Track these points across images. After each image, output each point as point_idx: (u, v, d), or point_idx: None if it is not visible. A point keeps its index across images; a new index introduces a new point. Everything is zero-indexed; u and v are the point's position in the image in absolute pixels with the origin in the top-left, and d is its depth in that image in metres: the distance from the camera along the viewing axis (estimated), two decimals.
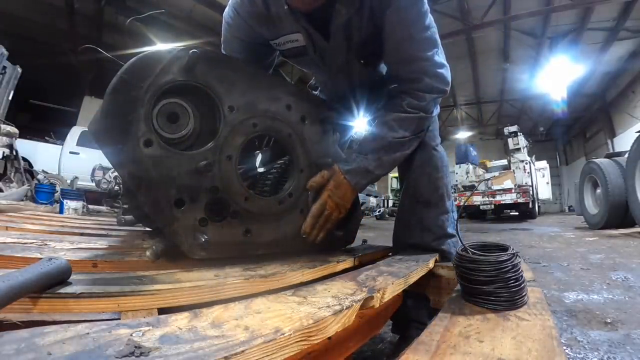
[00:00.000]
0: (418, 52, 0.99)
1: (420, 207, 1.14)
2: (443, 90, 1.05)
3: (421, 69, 1.01)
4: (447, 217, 1.13)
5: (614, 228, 4.69)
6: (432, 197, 1.13)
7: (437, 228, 1.11)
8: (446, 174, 1.17)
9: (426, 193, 1.13)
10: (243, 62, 0.86)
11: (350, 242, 1.17)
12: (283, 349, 0.37)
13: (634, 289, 1.62)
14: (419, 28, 0.96)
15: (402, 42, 0.99)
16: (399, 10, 0.94)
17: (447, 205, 1.14)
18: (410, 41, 0.98)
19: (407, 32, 0.96)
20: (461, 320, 0.58)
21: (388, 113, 1.05)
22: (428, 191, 1.13)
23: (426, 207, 1.13)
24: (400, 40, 0.98)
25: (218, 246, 0.78)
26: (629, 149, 4.26)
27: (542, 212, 13.54)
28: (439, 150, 1.18)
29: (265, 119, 0.88)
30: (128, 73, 0.67)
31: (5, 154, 5.08)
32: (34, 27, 8.40)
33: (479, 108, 15.67)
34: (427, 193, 1.13)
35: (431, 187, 1.13)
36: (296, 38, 1.06)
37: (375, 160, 1.02)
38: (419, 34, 0.97)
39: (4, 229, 1.28)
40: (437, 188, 1.13)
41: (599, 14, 8.31)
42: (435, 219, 1.11)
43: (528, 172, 9.52)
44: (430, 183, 1.13)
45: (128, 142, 0.66)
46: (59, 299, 0.46)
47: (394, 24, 0.96)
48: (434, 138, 1.19)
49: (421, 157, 1.15)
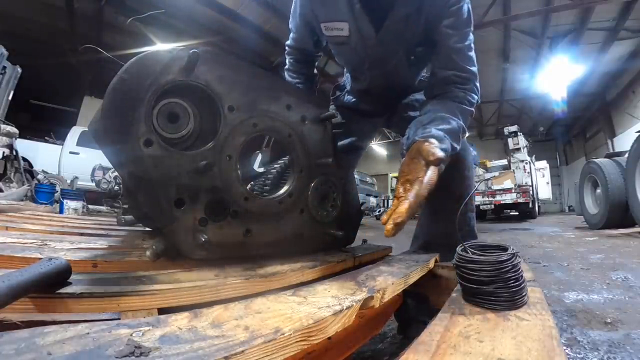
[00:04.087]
0: (469, 66, 1.07)
1: (451, 203, 1.14)
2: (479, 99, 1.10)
3: (470, 77, 1.08)
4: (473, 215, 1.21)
5: (614, 228, 4.68)
6: (464, 194, 1.17)
7: (464, 224, 1.18)
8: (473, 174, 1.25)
9: (458, 190, 1.17)
10: (243, 62, 0.86)
11: (351, 242, 1.17)
12: (283, 349, 0.37)
13: (634, 289, 1.62)
14: (468, 45, 1.06)
15: (457, 52, 1.05)
16: (457, 24, 1.02)
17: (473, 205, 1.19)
18: (463, 54, 1.06)
19: (460, 45, 1.04)
20: (461, 320, 0.58)
21: (451, 102, 1.04)
22: (460, 188, 1.17)
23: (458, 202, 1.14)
24: (456, 50, 1.04)
25: (218, 246, 0.77)
26: (629, 149, 4.26)
27: (542, 212, 13.53)
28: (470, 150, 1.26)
29: (266, 118, 0.88)
30: (128, 73, 0.67)
31: (5, 154, 5.08)
32: (34, 27, 8.39)
33: (479, 108, 15.67)
34: (459, 190, 1.17)
35: (464, 184, 1.19)
36: (342, 27, 1.09)
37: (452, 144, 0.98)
38: (469, 50, 1.06)
39: (4, 229, 1.28)
40: (468, 186, 1.20)
41: (599, 14, 8.30)
42: (464, 215, 1.18)
43: (528, 172, 9.51)
44: (463, 181, 1.19)
45: (128, 142, 0.66)
46: (59, 299, 0.46)
47: (449, 35, 1.03)
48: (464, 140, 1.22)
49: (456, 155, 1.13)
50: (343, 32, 1.09)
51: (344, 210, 1.10)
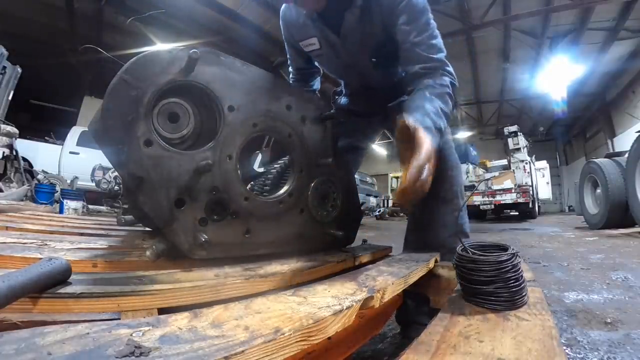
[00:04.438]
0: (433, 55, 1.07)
1: (436, 204, 1.16)
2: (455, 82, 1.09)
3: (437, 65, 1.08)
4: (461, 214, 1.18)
5: (614, 228, 4.68)
6: (447, 194, 1.16)
7: (452, 225, 1.15)
8: (459, 173, 1.21)
9: (442, 190, 1.16)
10: (243, 62, 0.86)
11: (351, 242, 1.17)
12: (283, 349, 0.37)
13: (634, 289, 1.62)
14: (430, 34, 1.07)
15: (419, 45, 1.06)
16: (411, 18, 1.05)
17: (461, 203, 1.17)
18: (425, 45, 1.06)
19: (420, 38, 1.06)
20: (461, 320, 0.58)
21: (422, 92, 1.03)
22: (444, 188, 1.16)
23: (443, 203, 1.16)
24: (417, 44, 1.06)
25: (218, 246, 0.78)
26: (629, 149, 4.26)
27: (542, 212, 13.52)
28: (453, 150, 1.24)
29: (266, 118, 0.88)
30: (128, 73, 0.67)
31: (5, 154, 5.08)
32: (34, 27, 8.39)
33: (479, 108, 15.64)
34: (443, 190, 1.16)
35: (447, 184, 1.16)
36: (313, 42, 1.24)
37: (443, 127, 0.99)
38: (430, 40, 1.07)
39: (4, 229, 1.28)
40: (452, 185, 1.17)
41: (599, 14, 8.29)
42: (451, 215, 1.15)
43: (528, 172, 9.50)
44: (446, 180, 1.16)
45: (128, 142, 0.66)
46: (59, 299, 0.46)
47: (407, 32, 1.06)
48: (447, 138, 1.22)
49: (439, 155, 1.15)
50: (315, 46, 1.24)
51: (344, 210, 1.10)
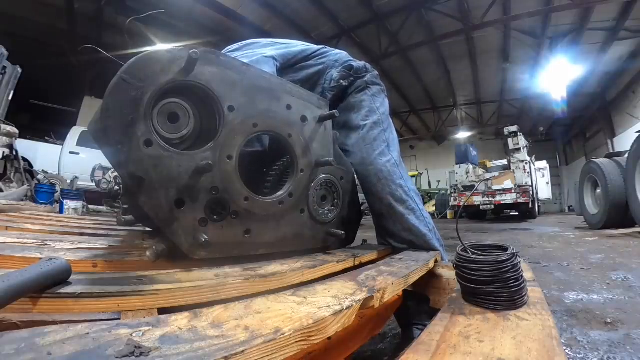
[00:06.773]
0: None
1: (379, 220, 1.20)
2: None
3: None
4: (405, 220, 1.14)
5: (614, 228, 4.69)
6: (382, 209, 1.17)
7: (400, 233, 1.16)
8: (391, 182, 1.15)
9: (375, 207, 1.19)
10: (242, 62, 0.86)
11: (351, 242, 1.17)
12: (283, 349, 0.37)
13: (634, 289, 1.62)
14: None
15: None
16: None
17: (401, 210, 1.14)
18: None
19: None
20: (461, 320, 0.58)
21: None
22: (376, 206, 1.19)
23: (383, 219, 1.19)
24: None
25: (218, 246, 0.77)
26: (629, 149, 4.26)
27: (542, 212, 13.53)
28: (376, 163, 1.17)
29: (266, 118, 0.88)
30: (128, 73, 0.67)
31: (5, 154, 5.07)
32: (34, 27, 8.38)
33: (479, 108, 15.65)
34: (376, 207, 1.19)
35: (375, 200, 1.18)
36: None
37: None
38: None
39: (4, 229, 1.28)
40: (381, 200, 1.16)
41: (599, 14, 8.29)
42: (394, 226, 1.16)
43: (528, 172, 9.50)
44: (373, 197, 1.18)
45: (128, 142, 0.66)
46: (59, 299, 0.46)
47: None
48: (368, 152, 1.20)
49: (360, 175, 1.20)
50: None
51: (344, 210, 1.10)
